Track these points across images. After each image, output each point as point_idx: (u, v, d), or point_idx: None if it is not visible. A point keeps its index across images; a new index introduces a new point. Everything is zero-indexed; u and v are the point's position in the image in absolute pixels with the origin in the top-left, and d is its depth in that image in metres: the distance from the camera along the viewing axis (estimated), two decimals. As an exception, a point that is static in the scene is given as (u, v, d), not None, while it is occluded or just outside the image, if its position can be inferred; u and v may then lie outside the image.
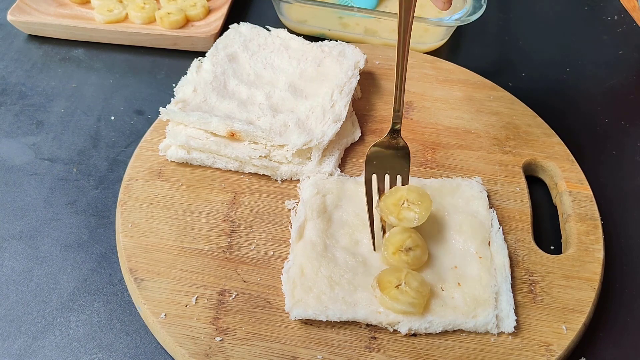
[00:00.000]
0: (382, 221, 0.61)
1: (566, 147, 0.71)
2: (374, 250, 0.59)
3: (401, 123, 0.63)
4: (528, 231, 0.63)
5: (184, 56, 0.88)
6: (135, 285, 0.57)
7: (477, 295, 0.56)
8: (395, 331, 0.55)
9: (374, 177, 0.62)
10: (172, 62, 0.87)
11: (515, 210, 0.65)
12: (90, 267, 0.63)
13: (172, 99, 0.71)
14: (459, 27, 0.89)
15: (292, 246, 0.60)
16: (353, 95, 0.74)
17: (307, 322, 0.55)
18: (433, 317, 0.54)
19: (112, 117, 0.79)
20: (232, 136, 0.66)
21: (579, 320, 0.56)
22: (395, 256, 0.57)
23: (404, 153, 0.63)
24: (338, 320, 0.54)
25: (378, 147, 0.63)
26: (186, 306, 0.56)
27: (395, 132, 0.63)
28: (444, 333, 0.55)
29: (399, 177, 0.63)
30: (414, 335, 0.55)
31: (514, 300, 0.57)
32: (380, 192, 0.62)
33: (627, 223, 0.68)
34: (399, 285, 0.54)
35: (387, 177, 0.63)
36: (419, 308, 0.54)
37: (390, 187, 0.62)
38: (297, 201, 0.65)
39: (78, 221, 0.67)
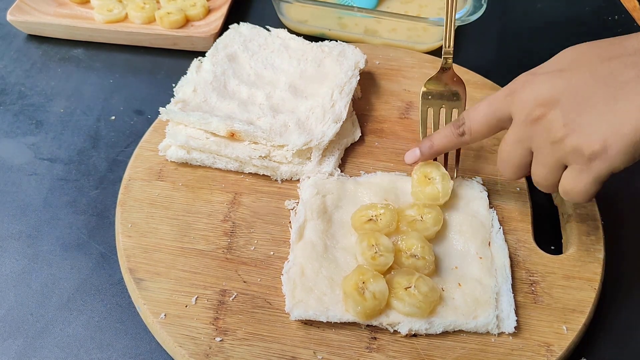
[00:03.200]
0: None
1: (566, 147, 0.71)
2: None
3: (452, 59, 0.68)
4: (528, 231, 0.63)
5: (183, 56, 0.87)
6: (135, 285, 0.57)
7: (477, 296, 0.56)
8: (396, 332, 0.55)
9: (430, 111, 0.67)
10: (172, 62, 0.87)
11: (515, 211, 0.65)
12: (90, 267, 0.63)
13: (172, 99, 0.71)
14: (459, 27, 0.88)
15: (292, 247, 0.60)
16: (353, 95, 0.74)
17: (307, 323, 0.55)
18: (433, 318, 0.54)
19: (112, 117, 0.79)
20: (232, 136, 0.66)
21: (579, 321, 0.56)
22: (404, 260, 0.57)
23: (459, 89, 0.67)
24: (339, 321, 0.54)
25: (432, 82, 0.68)
26: (186, 306, 0.56)
27: (444, 69, 0.68)
28: (445, 333, 0.55)
29: (454, 111, 0.66)
30: (414, 335, 0.55)
31: (515, 300, 0.57)
32: (435, 125, 0.66)
33: (627, 223, 0.68)
34: (408, 287, 0.54)
35: (442, 111, 0.67)
36: (424, 313, 0.54)
37: (446, 122, 0.65)
38: (297, 201, 0.65)
39: (77, 221, 0.67)
